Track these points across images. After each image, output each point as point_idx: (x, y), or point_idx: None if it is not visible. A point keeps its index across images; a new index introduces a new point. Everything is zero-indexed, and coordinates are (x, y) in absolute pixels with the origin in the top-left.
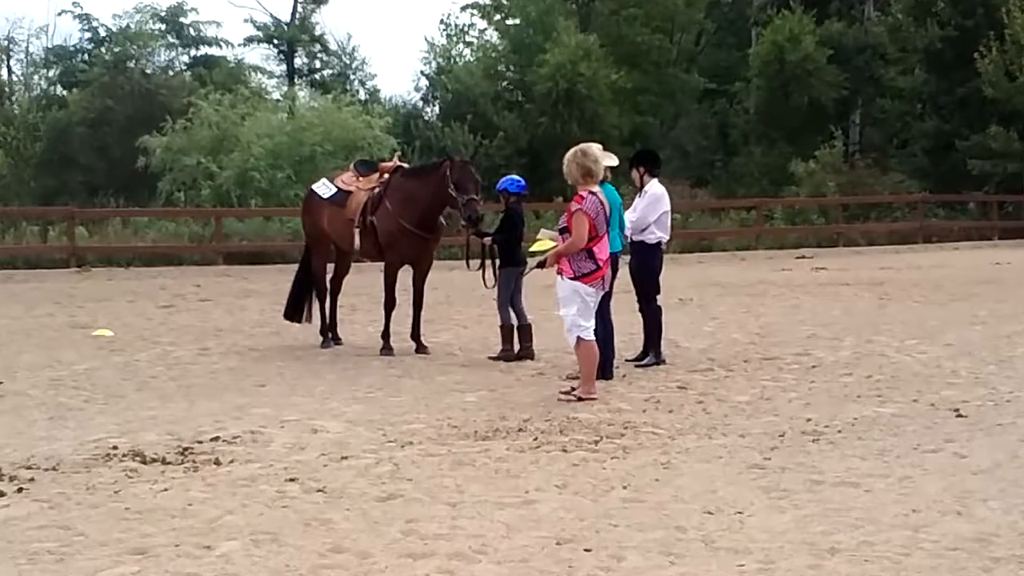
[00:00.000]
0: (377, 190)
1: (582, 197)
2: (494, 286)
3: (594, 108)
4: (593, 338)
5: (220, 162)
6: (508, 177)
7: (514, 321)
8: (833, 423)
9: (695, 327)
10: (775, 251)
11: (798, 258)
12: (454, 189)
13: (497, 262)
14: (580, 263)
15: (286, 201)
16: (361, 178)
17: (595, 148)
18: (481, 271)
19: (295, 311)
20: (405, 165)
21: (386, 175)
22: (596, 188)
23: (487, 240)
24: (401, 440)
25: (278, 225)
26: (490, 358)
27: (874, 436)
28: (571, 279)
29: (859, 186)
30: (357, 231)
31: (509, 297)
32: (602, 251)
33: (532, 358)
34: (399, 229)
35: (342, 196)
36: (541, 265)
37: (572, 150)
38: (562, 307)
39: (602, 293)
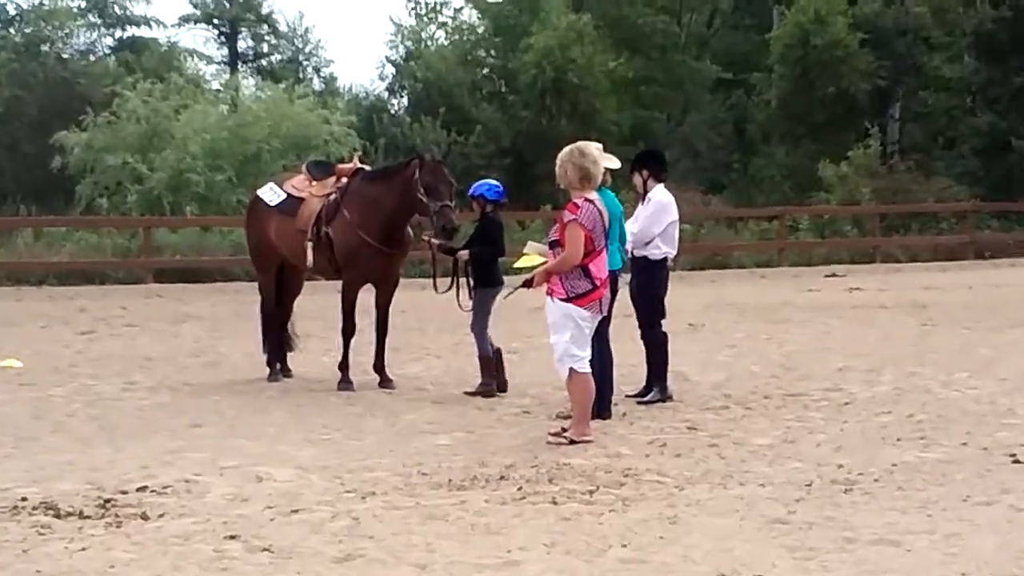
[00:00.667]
0: (333, 196)
1: (577, 205)
2: (470, 310)
3: (588, 100)
4: (588, 370)
5: (150, 162)
6: (484, 181)
7: (485, 351)
8: (868, 470)
9: (707, 357)
10: (801, 268)
11: (828, 276)
12: (424, 194)
13: (471, 281)
14: (574, 282)
15: (227, 208)
16: (315, 182)
17: (594, 147)
18: (454, 292)
19: (269, 336)
20: (366, 167)
21: (344, 179)
22: (594, 195)
23: (461, 255)
24: (362, 490)
25: (218, 237)
26: (467, 393)
27: (916, 486)
28: (563, 301)
29: (899, 192)
30: (310, 245)
31: (487, 322)
32: (599, 269)
33: (491, 395)
34: (359, 242)
35: (292, 203)
36: (528, 284)
37: (567, 149)
38: (552, 333)
39: (599, 318)
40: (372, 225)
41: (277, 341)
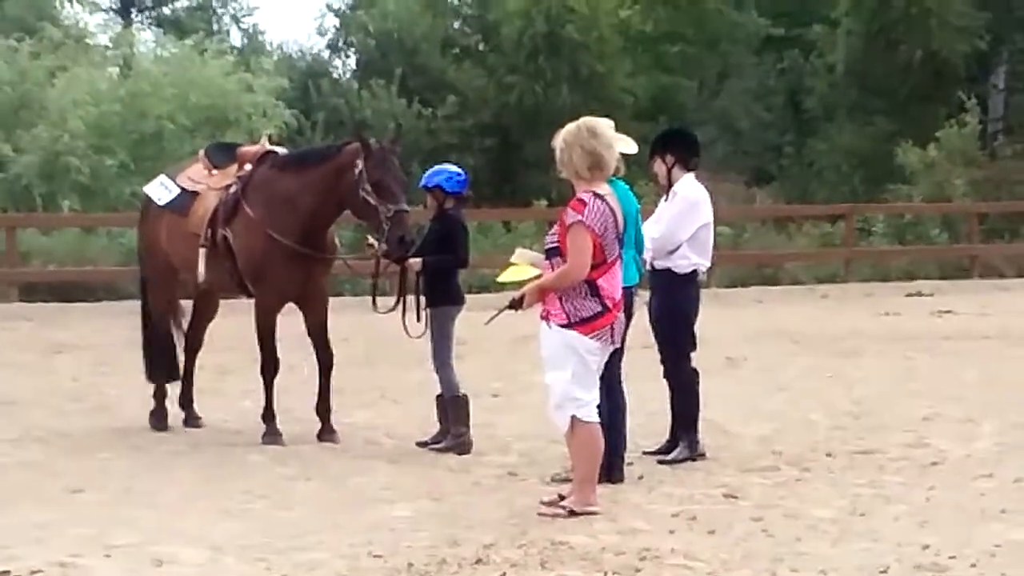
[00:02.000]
0: (233, 188)
1: (583, 202)
2: (423, 335)
3: (592, 62)
4: (595, 419)
5: (16, 142)
6: (441, 167)
7: (454, 391)
8: (964, 552)
9: (751, 403)
10: (874, 284)
11: (910, 296)
12: (372, 193)
13: (424, 299)
14: (577, 303)
15: (118, 203)
16: (215, 171)
17: (607, 126)
18: (401, 313)
19: (164, 366)
20: (279, 150)
21: (247, 165)
22: (605, 188)
23: (412, 264)
24: None
25: (104, 241)
26: (431, 448)
27: None
28: (563, 327)
29: (1003, 185)
30: (202, 251)
31: (450, 352)
32: (611, 286)
33: (466, 450)
34: (268, 246)
35: (185, 200)
36: (516, 305)
37: (572, 127)
38: (548, 370)
39: (611, 350)
40: (285, 223)
41: (185, 379)
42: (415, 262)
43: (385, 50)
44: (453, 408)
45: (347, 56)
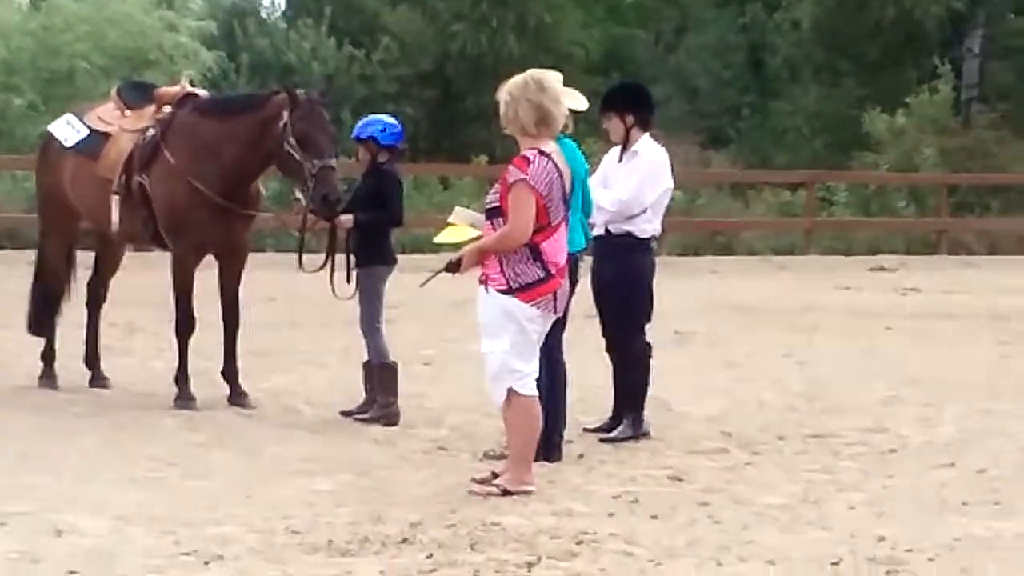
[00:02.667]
0: (152, 132)
1: (528, 159)
2: (352, 296)
3: (541, 13)
4: (534, 392)
5: None
6: (375, 117)
7: (384, 357)
8: (922, 545)
9: (700, 380)
10: (836, 257)
11: (873, 270)
12: (296, 147)
13: (353, 259)
14: (518, 268)
15: (23, 145)
16: (128, 112)
17: (555, 80)
18: (329, 273)
19: (44, 318)
20: (200, 93)
21: (166, 108)
22: (552, 146)
23: (342, 222)
24: (204, 552)
25: (8, 184)
26: (354, 418)
27: (988, 569)
28: (502, 293)
29: (976, 156)
30: (115, 199)
31: (380, 316)
32: (555, 251)
33: (394, 422)
34: (189, 196)
35: (95, 141)
36: (453, 268)
37: (519, 80)
38: (485, 339)
39: (552, 319)
40: (208, 172)
41: (90, 337)
42: (346, 219)
43: None
44: (381, 376)
45: None
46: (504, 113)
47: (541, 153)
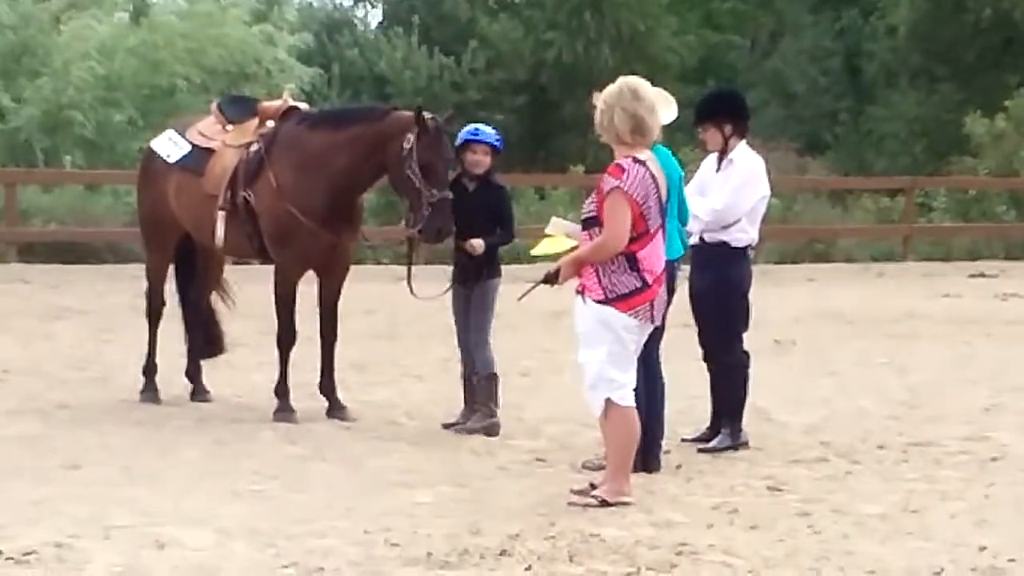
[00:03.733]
0: (256, 147)
1: (622, 168)
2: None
3: (635, 22)
4: (632, 403)
5: (17, 92)
6: (474, 126)
7: (492, 367)
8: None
9: (799, 389)
10: (935, 263)
11: (973, 276)
12: (418, 175)
13: (463, 273)
14: (615, 278)
15: (125, 160)
16: (230, 126)
17: (650, 88)
18: (407, 274)
19: (207, 340)
20: (302, 106)
21: (270, 122)
22: (647, 154)
23: (474, 247)
24: (306, 565)
25: (109, 199)
26: (454, 429)
27: None
28: (599, 303)
29: None
30: (221, 215)
31: (489, 327)
32: (653, 259)
33: (494, 432)
34: (291, 219)
35: (199, 157)
36: (551, 279)
37: (614, 88)
38: (582, 349)
39: (650, 328)
40: (312, 191)
41: (193, 349)
42: (478, 243)
43: (412, 1)
44: (488, 386)
45: (372, 6)
46: (599, 121)
47: (636, 161)
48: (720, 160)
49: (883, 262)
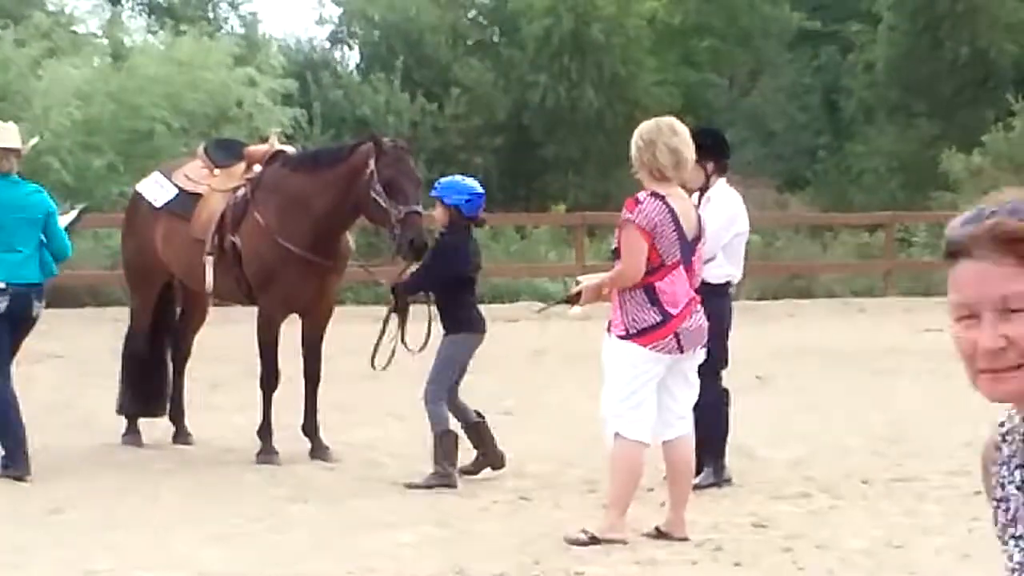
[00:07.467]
0: (242, 191)
1: (637, 200)
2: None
3: (617, 66)
4: (640, 437)
5: None
6: (456, 182)
7: (461, 420)
8: None
9: (782, 424)
10: (915, 299)
11: None
12: (383, 194)
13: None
14: (636, 313)
15: (104, 204)
16: (217, 170)
17: (682, 126)
18: (399, 332)
19: (147, 396)
20: (289, 149)
21: (256, 166)
22: (673, 189)
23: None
24: None
25: (90, 243)
26: (411, 486)
27: None
28: (621, 337)
29: None
30: (210, 259)
31: (452, 381)
32: (674, 290)
33: (498, 465)
34: (278, 255)
35: (185, 201)
36: (572, 299)
37: (651, 125)
38: (605, 382)
39: (689, 357)
40: (297, 231)
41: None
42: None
43: (391, 42)
44: (442, 441)
45: (350, 48)
46: (637, 157)
47: (653, 195)
48: (700, 198)
49: (864, 297)
